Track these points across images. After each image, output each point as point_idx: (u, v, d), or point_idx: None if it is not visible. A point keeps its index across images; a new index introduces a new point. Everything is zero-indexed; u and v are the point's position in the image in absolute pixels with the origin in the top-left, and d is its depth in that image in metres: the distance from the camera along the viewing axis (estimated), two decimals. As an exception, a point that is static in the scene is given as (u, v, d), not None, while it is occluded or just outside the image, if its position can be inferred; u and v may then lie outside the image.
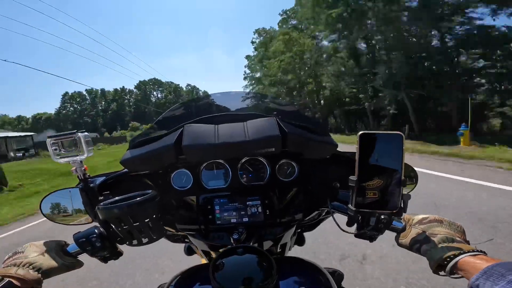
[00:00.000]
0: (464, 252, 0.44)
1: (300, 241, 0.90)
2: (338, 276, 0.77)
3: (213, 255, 0.74)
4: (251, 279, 0.48)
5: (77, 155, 0.61)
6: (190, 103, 0.92)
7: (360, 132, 0.48)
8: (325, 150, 0.70)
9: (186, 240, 0.85)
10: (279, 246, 0.75)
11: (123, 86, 67.63)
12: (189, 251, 0.89)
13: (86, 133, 0.62)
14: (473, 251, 0.44)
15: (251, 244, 0.65)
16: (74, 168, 0.63)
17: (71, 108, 66.80)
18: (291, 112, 0.84)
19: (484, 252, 0.44)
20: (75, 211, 0.74)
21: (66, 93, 67.30)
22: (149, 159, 0.65)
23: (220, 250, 0.68)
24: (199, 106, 0.90)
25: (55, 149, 0.61)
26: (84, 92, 67.95)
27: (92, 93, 67.24)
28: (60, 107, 66.60)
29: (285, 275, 0.55)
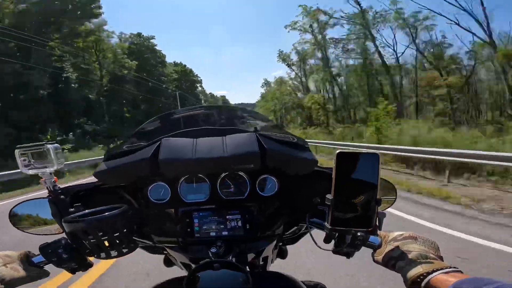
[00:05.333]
0: (438, 270, 0.44)
1: (282, 254, 0.89)
2: None
3: (193, 267, 0.72)
4: None
5: (47, 167, 0.59)
6: (169, 115, 0.91)
7: (338, 151, 0.49)
8: (305, 167, 0.70)
9: (164, 251, 0.83)
10: (261, 259, 0.74)
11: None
12: (168, 263, 0.87)
13: (56, 145, 0.60)
14: (447, 268, 0.45)
15: (230, 258, 0.64)
16: (44, 179, 0.61)
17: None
18: (272, 128, 0.84)
19: (458, 268, 0.45)
20: (45, 222, 0.72)
21: None
22: (123, 172, 0.64)
23: (200, 262, 0.67)
24: (179, 119, 0.89)
25: (24, 160, 0.59)
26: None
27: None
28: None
29: None
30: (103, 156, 0.70)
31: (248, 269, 0.56)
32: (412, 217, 3.81)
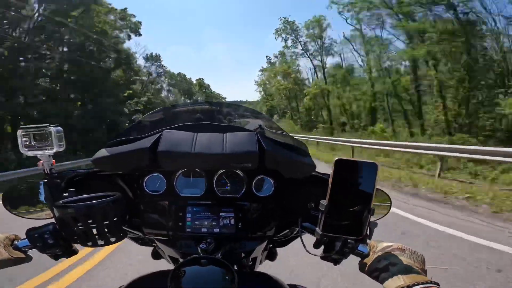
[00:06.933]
0: (418, 284, 0.45)
1: (272, 256, 0.90)
2: None
3: (181, 261, 0.72)
4: None
5: (46, 149, 0.60)
6: (173, 108, 0.92)
7: (336, 158, 0.49)
8: (302, 171, 0.70)
9: (153, 244, 0.83)
10: (250, 259, 0.75)
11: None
12: (156, 256, 0.87)
13: (59, 128, 0.60)
14: (427, 282, 0.45)
15: (219, 255, 0.64)
16: (42, 161, 0.61)
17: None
18: (274, 129, 0.85)
19: (437, 284, 0.46)
20: (38, 205, 0.72)
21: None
22: (122, 160, 0.64)
23: (188, 258, 0.68)
24: (182, 112, 0.89)
25: (25, 141, 0.60)
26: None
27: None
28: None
29: None
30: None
31: (235, 268, 0.57)
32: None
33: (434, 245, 2.96)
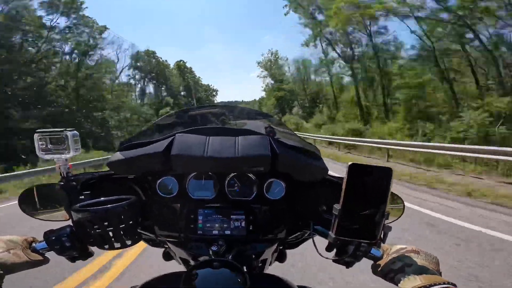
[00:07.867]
0: (435, 284, 0.45)
1: (281, 258, 0.90)
2: None
3: (192, 263, 0.73)
4: None
5: (63, 153, 0.61)
6: (186, 111, 0.93)
7: (350, 163, 0.49)
8: (314, 174, 0.70)
9: (165, 245, 0.85)
10: (259, 261, 0.75)
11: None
12: (167, 257, 0.88)
13: (75, 132, 0.62)
14: (444, 283, 0.45)
15: (230, 258, 0.65)
16: (58, 165, 0.63)
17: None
18: (286, 133, 0.85)
19: (455, 285, 0.46)
20: (54, 208, 0.73)
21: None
22: (136, 164, 0.65)
23: (200, 259, 0.68)
24: (195, 116, 0.90)
25: (42, 145, 0.61)
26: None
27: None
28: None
29: None
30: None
31: (246, 270, 0.57)
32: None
33: None
